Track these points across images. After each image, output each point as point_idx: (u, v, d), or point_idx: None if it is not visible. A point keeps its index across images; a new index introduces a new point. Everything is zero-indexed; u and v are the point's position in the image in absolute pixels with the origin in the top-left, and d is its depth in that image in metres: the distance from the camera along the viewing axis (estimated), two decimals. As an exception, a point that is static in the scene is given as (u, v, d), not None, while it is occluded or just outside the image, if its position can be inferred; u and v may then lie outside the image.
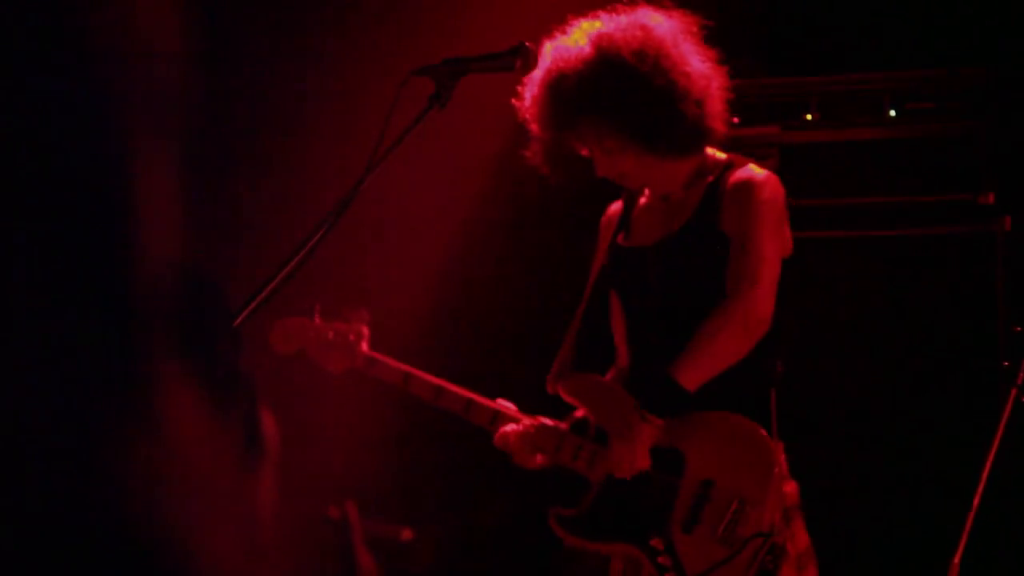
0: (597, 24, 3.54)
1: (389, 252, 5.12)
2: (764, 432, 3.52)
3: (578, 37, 3.54)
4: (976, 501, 3.77)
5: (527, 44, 3.32)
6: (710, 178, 3.63)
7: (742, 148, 3.75)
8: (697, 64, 3.58)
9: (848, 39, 4.99)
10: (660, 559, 3.49)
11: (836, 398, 4.51)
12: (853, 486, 4.49)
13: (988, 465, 3.80)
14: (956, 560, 3.73)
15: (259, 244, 3.65)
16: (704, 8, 3.64)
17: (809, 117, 4.66)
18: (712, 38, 5.03)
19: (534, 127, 3.62)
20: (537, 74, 3.56)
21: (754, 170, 3.63)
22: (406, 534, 4.66)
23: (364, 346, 3.77)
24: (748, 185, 3.60)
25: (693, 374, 3.45)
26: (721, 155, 3.67)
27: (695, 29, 3.62)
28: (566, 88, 3.51)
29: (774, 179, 3.62)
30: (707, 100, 3.57)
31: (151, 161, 0.98)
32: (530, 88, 3.60)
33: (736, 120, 4.60)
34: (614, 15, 3.55)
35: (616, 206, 3.82)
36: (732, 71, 4.65)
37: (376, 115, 3.06)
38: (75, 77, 0.95)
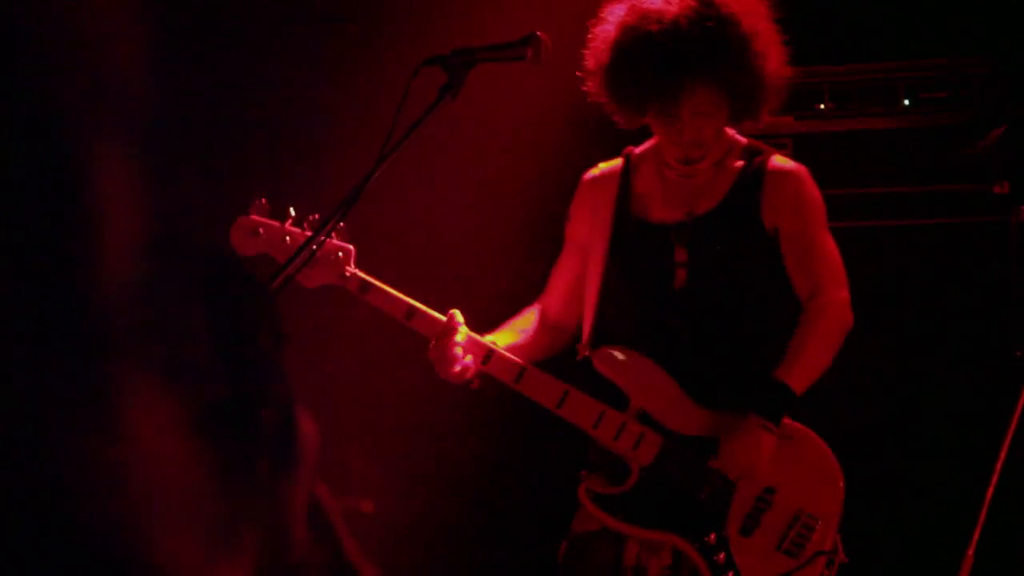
0: None
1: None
2: (830, 450, 3.50)
3: None
4: (990, 492, 3.75)
5: (538, 34, 3.30)
6: (739, 163, 3.57)
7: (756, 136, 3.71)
8: (778, 41, 3.51)
9: (862, 29, 4.96)
10: (716, 556, 3.41)
11: (849, 388, 4.49)
12: (866, 478, 4.48)
13: (1002, 456, 3.78)
14: (970, 552, 3.72)
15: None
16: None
17: (823, 107, 4.64)
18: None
19: (622, 80, 3.42)
20: (630, 25, 3.38)
21: (789, 161, 3.59)
22: (367, 506, 4.60)
23: (352, 264, 3.41)
24: (796, 179, 3.56)
25: (803, 378, 3.42)
26: (741, 138, 3.63)
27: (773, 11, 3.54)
28: (678, 45, 3.33)
29: (809, 172, 3.59)
30: (782, 78, 3.52)
31: (112, 165, 0.95)
32: (623, 41, 3.39)
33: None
34: None
35: (607, 169, 3.67)
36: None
37: (388, 106, 3.05)
38: (27, 80, 0.92)
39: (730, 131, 3.58)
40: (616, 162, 3.67)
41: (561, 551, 3.59)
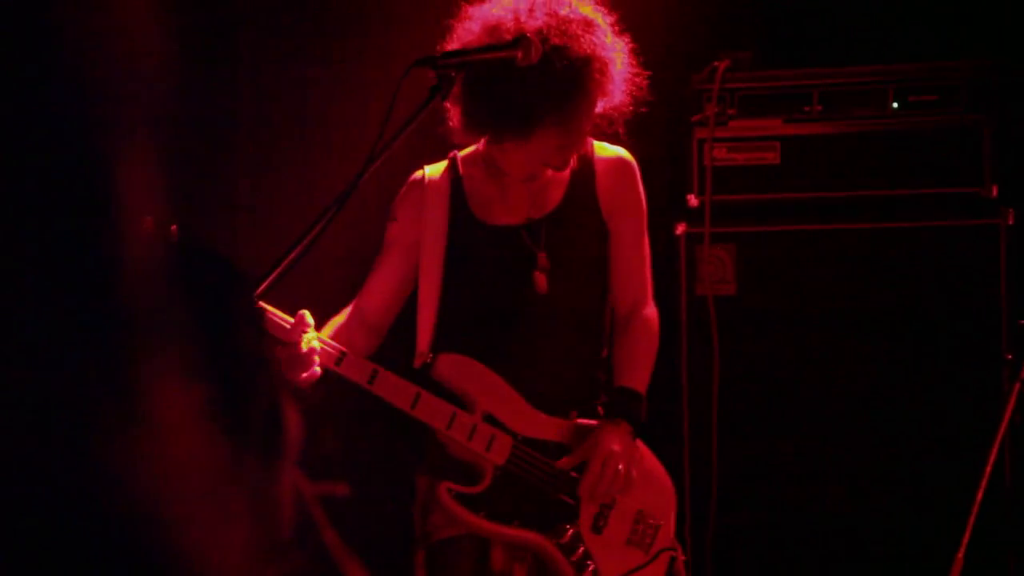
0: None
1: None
2: (656, 459, 3.64)
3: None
4: (979, 495, 3.76)
5: (528, 35, 3.29)
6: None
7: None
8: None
9: (851, 31, 4.97)
10: (575, 552, 3.49)
11: (838, 391, 4.49)
12: (855, 480, 4.48)
13: (992, 459, 3.79)
14: (960, 555, 3.72)
15: (262, 236, 3.63)
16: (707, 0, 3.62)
17: (810, 109, 4.64)
18: (713, 30, 5.02)
19: (515, 103, 3.33)
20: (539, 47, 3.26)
21: (613, 148, 3.63)
22: (342, 489, 4.58)
23: None
24: (627, 169, 3.62)
25: (645, 383, 3.58)
26: None
27: None
28: (568, 57, 3.32)
29: (635, 160, 3.66)
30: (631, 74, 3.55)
31: (134, 157, 0.97)
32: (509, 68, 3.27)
33: (733, 112, 4.61)
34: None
35: (435, 171, 3.63)
36: (734, 63, 4.66)
37: (378, 107, 3.05)
38: (57, 76, 0.94)
39: None
40: (442, 164, 3.65)
41: (419, 560, 3.58)
